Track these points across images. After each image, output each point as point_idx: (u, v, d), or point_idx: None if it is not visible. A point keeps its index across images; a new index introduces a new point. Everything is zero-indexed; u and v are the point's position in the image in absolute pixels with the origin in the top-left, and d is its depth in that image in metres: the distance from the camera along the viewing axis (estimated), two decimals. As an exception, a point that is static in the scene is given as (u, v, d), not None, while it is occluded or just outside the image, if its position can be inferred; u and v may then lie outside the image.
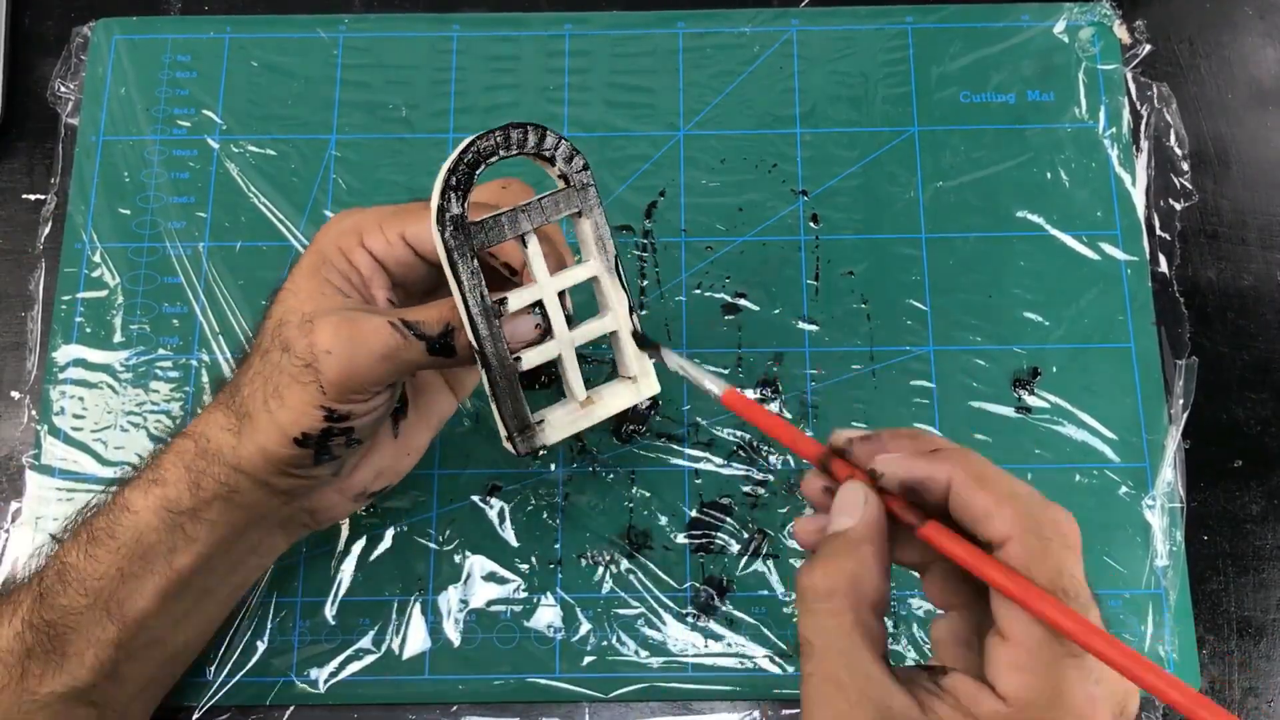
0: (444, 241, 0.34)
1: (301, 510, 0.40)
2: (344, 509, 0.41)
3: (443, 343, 0.35)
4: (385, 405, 0.37)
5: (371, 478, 0.41)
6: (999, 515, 0.28)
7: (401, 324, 0.35)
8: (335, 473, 0.39)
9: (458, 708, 0.45)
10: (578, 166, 0.36)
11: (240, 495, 0.37)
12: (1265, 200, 0.52)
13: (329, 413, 0.35)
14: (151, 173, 0.51)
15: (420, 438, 0.42)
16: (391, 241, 0.37)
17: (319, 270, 0.37)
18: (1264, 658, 0.46)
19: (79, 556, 0.37)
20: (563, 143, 0.36)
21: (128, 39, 0.54)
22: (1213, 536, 0.47)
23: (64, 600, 0.36)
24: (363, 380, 0.35)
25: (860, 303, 0.50)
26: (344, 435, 0.36)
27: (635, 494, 0.47)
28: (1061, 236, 0.50)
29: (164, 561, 0.37)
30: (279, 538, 0.41)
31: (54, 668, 0.36)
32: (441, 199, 0.34)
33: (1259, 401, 0.49)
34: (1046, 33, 0.54)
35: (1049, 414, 0.48)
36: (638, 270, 0.50)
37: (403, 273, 0.37)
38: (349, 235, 0.37)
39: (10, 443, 0.48)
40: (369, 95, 0.53)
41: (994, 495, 0.28)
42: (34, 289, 0.50)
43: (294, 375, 0.35)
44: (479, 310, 0.34)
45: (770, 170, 0.52)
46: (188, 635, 0.40)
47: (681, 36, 0.54)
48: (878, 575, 0.29)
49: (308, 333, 0.35)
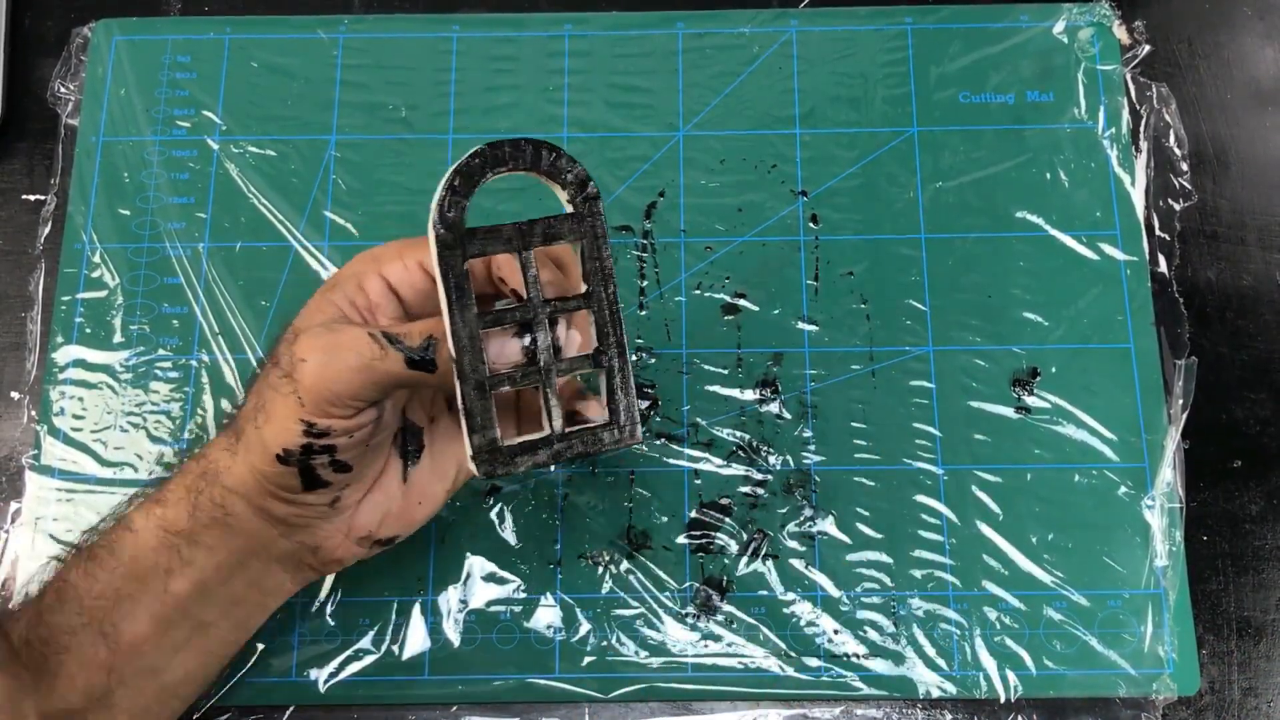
0: (437, 238, 0.33)
1: (303, 548, 0.39)
2: (349, 551, 0.39)
3: (423, 356, 0.34)
4: (370, 429, 0.36)
5: (376, 522, 0.39)
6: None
7: (382, 335, 0.34)
8: (331, 505, 0.38)
9: (458, 708, 0.45)
10: (589, 195, 0.35)
11: (236, 520, 0.37)
12: (1265, 200, 0.52)
13: (308, 426, 0.34)
14: (151, 173, 0.51)
15: (434, 488, 0.40)
16: (409, 268, 0.36)
17: (328, 292, 0.37)
18: (1264, 658, 0.46)
19: (78, 575, 0.37)
20: (576, 168, 0.35)
21: (128, 39, 0.54)
22: (1212, 536, 0.48)
23: (60, 619, 0.36)
24: (339, 391, 0.34)
25: (860, 303, 0.50)
26: (326, 454, 0.35)
27: (635, 494, 0.47)
28: (1061, 237, 0.50)
29: (159, 584, 0.36)
30: (283, 577, 0.40)
31: (45, 689, 0.35)
32: (442, 197, 0.33)
33: (1258, 401, 0.49)
34: (1046, 33, 0.54)
35: (1048, 414, 0.48)
36: (637, 270, 0.50)
37: (418, 301, 0.37)
38: (367, 262, 0.37)
39: (10, 443, 0.48)
40: (369, 96, 0.53)
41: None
42: (34, 289, 0.50)
43: (276, 387, 0.35)
44: (462, 320, 0.34)
45: (770, 170, 0.52)
46: (187, 668, 0.38)
47: (681, 37, 0.54)
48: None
49: (291, 343, 0.35)
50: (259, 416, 0.35)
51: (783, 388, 0.49)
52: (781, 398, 0.48)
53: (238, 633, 0.40)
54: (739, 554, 0.46)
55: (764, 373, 0.49)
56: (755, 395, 0.48)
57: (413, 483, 0.40)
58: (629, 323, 0.49)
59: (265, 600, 0.40)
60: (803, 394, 0.48)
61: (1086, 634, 0.45)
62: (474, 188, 0.34)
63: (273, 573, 0.39)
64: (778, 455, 0.48)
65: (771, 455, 0.48)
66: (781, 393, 0.48)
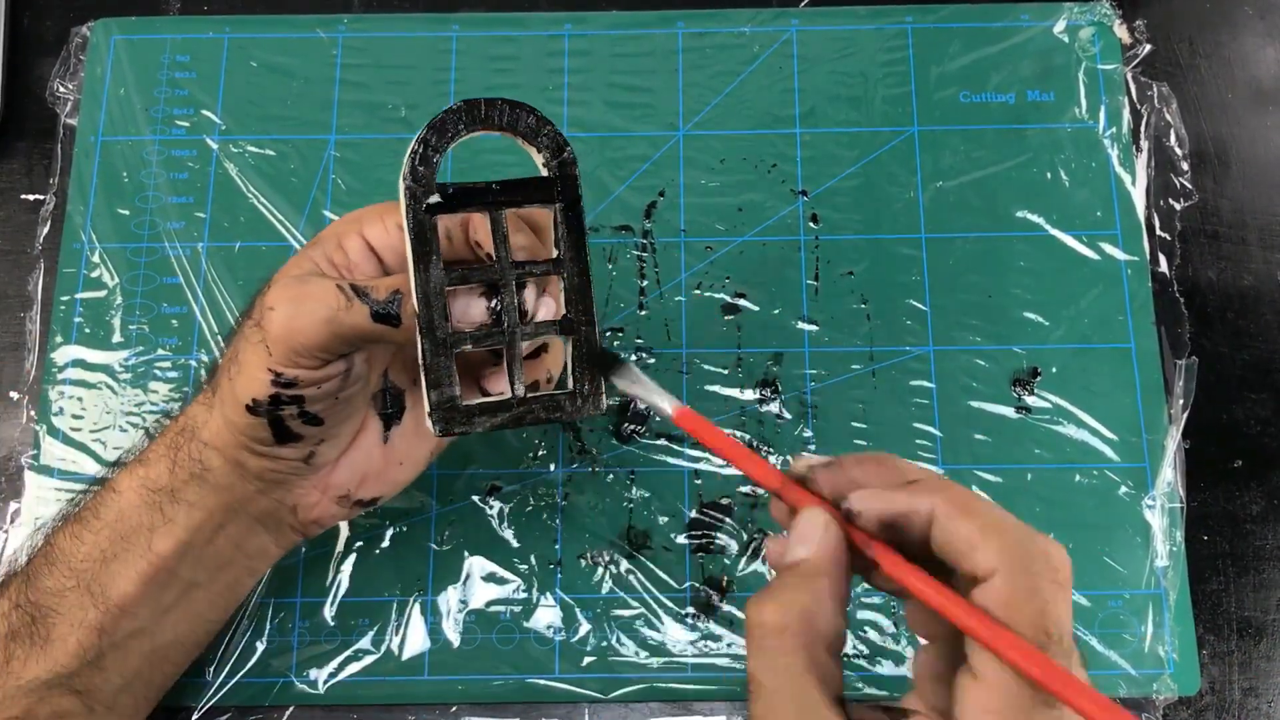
0: (406, 190, 0.33)
1: (282, 506, 0.39)
2: (328, 511, 0.40)
3: (387, 310, 0.34)
4: (339, 381, 0.36)
5: (355, 481, 0.39)
6: (984, 547, 0.26)
7: (350, 287, 0.34)
8: (306, 461, 0.38)
9: (457, 708, 0.44)
10: (565, 160, 0.35)
11: (213, 475, 0.37)
12: (1265, 200, 0.52)
13: (276, 376, 0.35)
14: (150, 173, 0.51)
15: (416, 450, 0.40)
16: (389, 230, 0.36)
17: (308, 249, 0.37)
18: (1264, 658, 0.46)
19: (65, 538, 0.37)
20: (553, 131, 0.35)
21: (127, 39, 0.53)
22: (1213, 536, 0.47)
23: (49, 582, 0.37)
24: (305, 341, 0.34)
25: (860, 303, 0.50)
26: (294, 405, 0.36)
27: (635, 494, 0.47)
28: (1061, 236, 0.50)
29: (144, 542, 0.37)
30: (265, 538, 0.40)
31: (37, 652, 0.36)
32: (414, 150, 0.33)
33: (1259, 401, 0.49)
34: (1046, 32, 0.54)
35: (1049, 414, 0.48)
36: (637, 270, 0.50)
37: (397, 264, 0.37)
38: (349, 224, 0.37)
39: (9, 443, 0.48)
40: (368, 95, 0.53)
41: (979, 525, 0.26)
42: (33, 289, 0.50)
43: (248, 337, 0.35)
44: (428, 276, 0.33)
45: (770, 170, 0.52)
46: (177, 631, 0.39)
47: (681, 36, 0.54)
48: (833, 611, 0.27)
49: (263, 294, 0.35)
50: (232, 368, 0.36)
51: (783, 388, 0.48)
52: (782, 398, 0.48)
53: (226, 596, 0.41)
54: (739, 554, 0.46)
55: (764, 373, 0.49)
56: (755, 395, 0.48)
57: (393, 443, 0.40)
58: (629, 322, 0.49)
59: (251, 563, 0.40)
60: (803, 394, 0.48)
61: (1087, 634, 0.45)
62: (448, 144, 0.34)
63: (255, 533, 0.40)
64: (778, 455, 0.48)
65: (772, 455, 0.48)
66: (782, 393, 0.48)
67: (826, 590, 0.27)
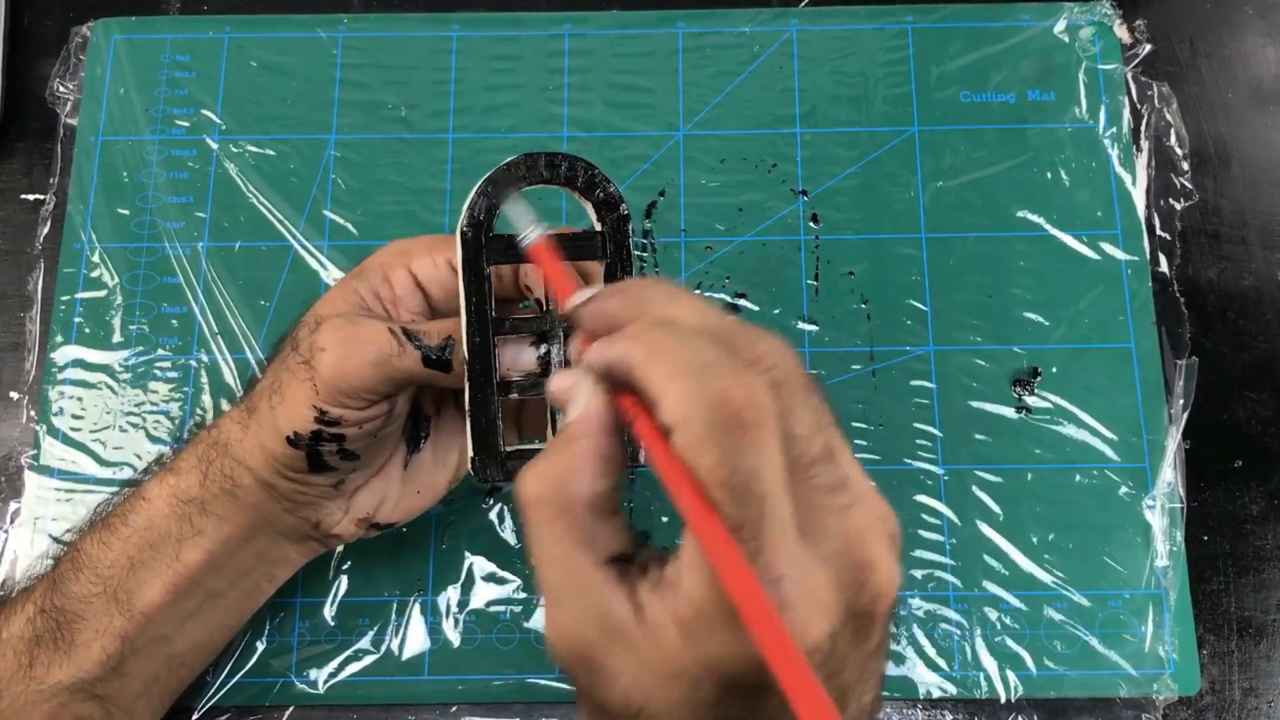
0: (463, 241, 0.34)
1: (307, 523, 0.39)
2: (348, 530, 0.40)
3: (440, 356, 0.35)
4: (381, 421, 0.36)
5: (374, 505, 0.40)
6: (665, 397, 0.23)
7: (401, 332, 0.35)
8: (335, 486, 0.38)
9: (457, 708, 0.44)
10: (619, 216, 0.35)
11: (244, 492, 0.37)
12: (1266, 200, 0.52)
13: (320, 414, 0.35)
14: (150, 173, 0.51)
15: (435, 478, 0.41)
16: (438, 264, 0.37)
17: (353, 280, 0.37)
18: (1264, 658, 0.46)
19: (93, 543, 0.37)
20: (610, 187, 0.34)
21: (127, 39, 0.53)
22: (1213, 536, 0.47)
23: (75, 587, 0.37)
24: (354, 383, 0.35)
25: (860, 303, 0.50)
26: (335, 442, 0.36)
27: (635, 494, 0.47)
28: (1061, 236, 0.50)
29: (172, 552, 0.37)
30: (288, 549, 0.40)
31: (61, 657, 0.36)
32: (474, 201, 0.34)
33: (1259, 401, 0.49)
34: (1046, 32, 0.54)
35: (1049, 414, 0.48)
36: (637, 270, 0.50)
37: (444, 299, 0.38)
38: (396, 255, 0.37)
39: (9, 443, 0.48)
40: (368, 95, 0.53)
41: (664, 372, 0.24)
42: (33, 289, 0.50)
43: (294, 372, 0.36)
44: (478, 325, 0.34)
45: (770, 170, 0.52)
46: (196, 638, 0.40)
47: (681, 36, 0.54)
48: (592, 472, 0.26)
49: (313, 331, 0.36)
50: (274, 396, 0.36)
51: (783, 388, 0.48)
52: (782, 398, 0.48)
53: (245, 603, 0.41)
54: (739, 554, 0.46)
55: (764, 373, 0.49)
56: (755, 395, 0.48)
57: (413, 471, 0.40)
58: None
59: (272, 571, 0.41)
60: (803, 394, 0.48)
61: (1087, 634, 0.45)
62: (506, 197, 0.34)
63: (278, 544, 0.40)
64: (778, 455, 0.48)
65: (772, 455, 0.48)
66: (782, 393, 0.48)
67: (584, 452, 0.26)
